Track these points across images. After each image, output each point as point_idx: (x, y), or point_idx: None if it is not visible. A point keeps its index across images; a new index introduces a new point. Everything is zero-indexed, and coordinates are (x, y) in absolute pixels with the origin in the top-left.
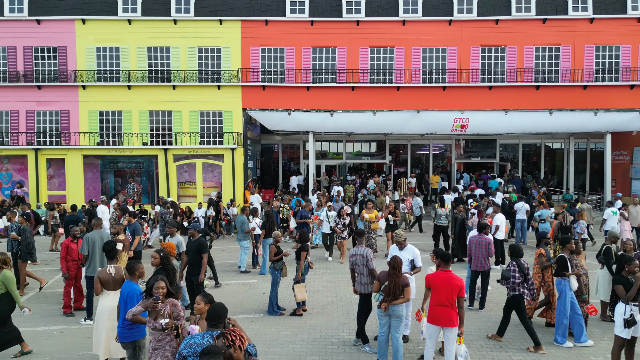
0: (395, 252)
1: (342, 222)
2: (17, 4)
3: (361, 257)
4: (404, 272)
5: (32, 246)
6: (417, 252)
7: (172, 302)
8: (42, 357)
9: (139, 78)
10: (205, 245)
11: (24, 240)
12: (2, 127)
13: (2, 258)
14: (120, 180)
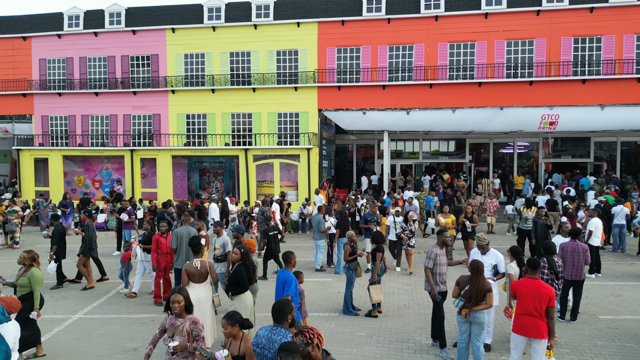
0: (477, 257)
1: (409, 228)
2: (115, 16)
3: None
4: (486, 278)
5: (94, 242)
6: (501, 256)
7: (192, 319)
8: (136, 342)
9: (221, 82)
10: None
11: (87, 236)
12: (103, 129)
13: (31, 255)
14: (207, 178)
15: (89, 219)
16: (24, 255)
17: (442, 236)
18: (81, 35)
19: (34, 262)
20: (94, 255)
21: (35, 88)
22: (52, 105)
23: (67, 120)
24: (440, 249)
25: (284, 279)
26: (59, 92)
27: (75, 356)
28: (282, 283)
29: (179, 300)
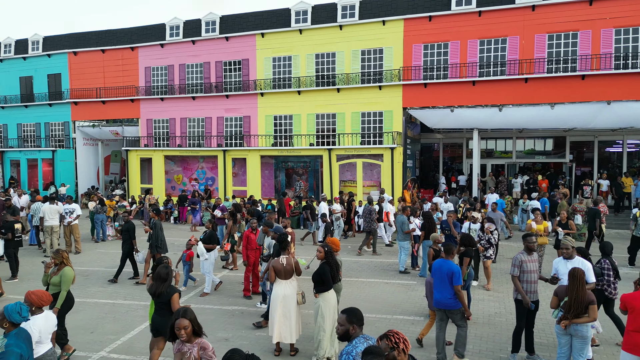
0: (560, 265)
1: (487, 237)
2: (211, 24)
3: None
4: None
5: (160, 240)
6: (589, 265)
7: (201, 344)
8: (227, 332)
9: (307, 83)
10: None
11: (154, 233)
12: (199, 131)
13: (61, 255)
14: (294, 177)
15: (157, 216)
16: (53, 255)
17: (526, 241)
18: (181, 43)
19: (64, 260)
20: (161, 252)
21: (141, 94)
22: (155, 109)
23: (168, 123)
24: (526, 255)
25: (449, 270)
26: (161, 97)
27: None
28: (446, 274)
29: (184, 326)
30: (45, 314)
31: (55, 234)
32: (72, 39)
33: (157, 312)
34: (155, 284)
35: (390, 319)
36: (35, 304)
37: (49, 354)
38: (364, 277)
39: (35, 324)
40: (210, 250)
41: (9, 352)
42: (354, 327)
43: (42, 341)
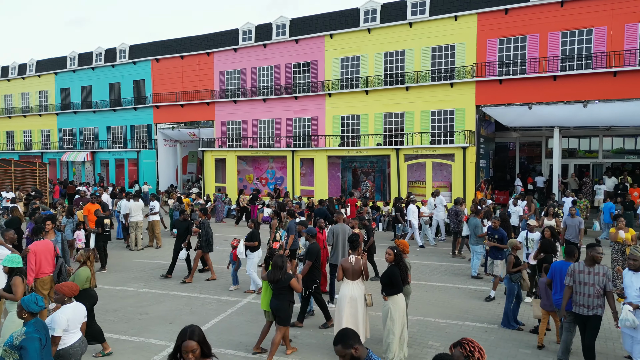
0: (627, 277)
1: None
2: (281, 28)
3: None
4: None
5: (211, 237)
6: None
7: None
8: (293, 330)
9: (375, 83)
10: (312, 252)
11: (203, 233)
12: (269, 132)
13: (87, 254)
14: (361, 178)
15: (205, 216)
16: (80, 253)
17: (592, 251)
18: (252, 47)
19: (88, 260)
20: (211, 250)
21: (216, 97)
22: (229, 111)
23: (241, 124)
24: (585, 265)
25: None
26: (234, 99)
27: (244, 337)
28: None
29: (193, 349)
30: (74, 305)
31: (139, 229)
32: (155, 46)
33: (276, 297)
34: (273, 271)
35: (461, 325)
36: (67, 295)
37: (76, 345)
38: (434, 280)
39: (64, 313)
40: (252, 249)
41: (30, 338)
42: (355, 349)
43: (70, 330)
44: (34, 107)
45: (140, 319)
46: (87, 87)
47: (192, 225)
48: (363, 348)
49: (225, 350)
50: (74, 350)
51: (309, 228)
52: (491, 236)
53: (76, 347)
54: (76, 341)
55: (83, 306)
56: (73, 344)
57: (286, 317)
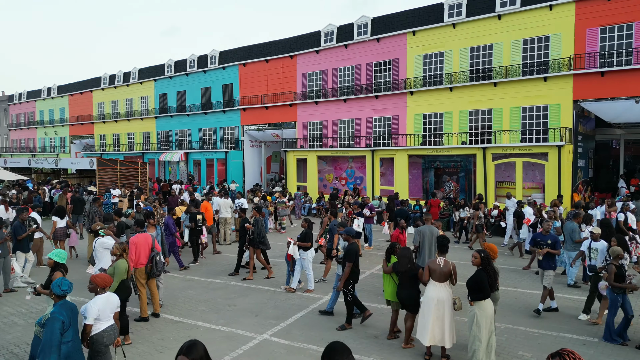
0: None
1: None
2: (362, 27)
3: None
4: None
5: (263, 236)
6: None
7: None
8: (376, 330)
9: (460, 79)
10: (351, 252)
11: (256, 230)
12: (349, 132)
13: (122, 247)
14: (444, 178)
15: (259, 214)
16: (115, 246)
17: None
18: (334, 49)
19: (124, 253)
20: (263, 248)
21: (298, 98)
22: (310, 112)
23: (321, 125)
24: None
25: None
26: (315, 100)
27: (328, 333)
28: None
29: None
30: (107, 295)
31: (227, 225)
32: (242, 52)
33: (403, 287)
34: (401, 262)
35: (555, 336)
36: (100, 286)
37: (108, 330)
38: (524, 287)
39: (95, 303)
40: (305, 248)
41: (53, 318)
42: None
43: (102, 318)
44: (136, 112)
45: (229, 310)
46: (182, 92)
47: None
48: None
49: (307, 346)
50: (106, 335)
51: (347, 228)
52: (542, 242)
53: (108, 332)
54: (107, 327)
55: (116, 297)
56: (105, 329)
57: (416, 305)
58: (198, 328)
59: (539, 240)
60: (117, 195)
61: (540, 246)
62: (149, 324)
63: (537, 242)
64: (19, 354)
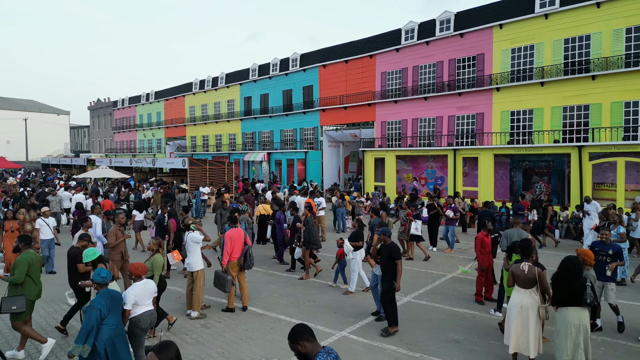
0: None
1: None
2: (445, 23)
3: None
4: None
5: (313, 235)
6: None
7: None
8: (458, 334)
9: (552, 73)
10: (397, 250)
11: (307, 230)
12: (430, 131)
13: (158, 242)
14: (533, 178)
15: (310, 213)
16: (151, 241)
17: None
18: (414, 46)
19: (160, 248)
20: (313, 248)
21: (377, 98)
22: (389, 111)
23: (400, 124)
24: None
25: None
26: (395, 99)
27: (407, 335)
28: None
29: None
30: (144, 282)
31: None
32: (322, 53)
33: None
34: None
35: None
36: (134, 274)
37: (145, 315)
38: (625, 298)
39: (132, 289)
40: (356, 248)
41: (91, 306)
42: (302, 345)
43: (139, 303)
44: (223, 114)
45: (309, 306)
46: (265, 95)
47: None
48: (313, 345)
49: (386, 346)
50: (143, 319)
51: (384, 229)
52: (602, 253)
53: (145, 316)
54: (145, 312)
55: (153, 283)
56: (142, 314)
57: None
58: (280, 321)
59: (597, 249)
60: (206, 192)
61: (601, 256)
62: (235, 314)
63: (596, 251)
64: None
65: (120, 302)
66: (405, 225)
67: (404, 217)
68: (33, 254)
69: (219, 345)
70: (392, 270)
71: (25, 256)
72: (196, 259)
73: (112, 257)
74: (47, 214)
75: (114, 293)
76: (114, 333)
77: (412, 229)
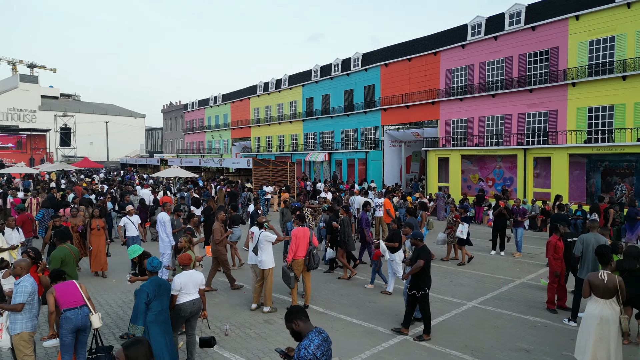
0: None
1: None
2: (515, 16)
3: None
4: None
5: (349, 236)
6: None
7: None
8: (528, 343)
9: (636, 66)
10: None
11: (342, 230)
12: (497, 129)
13: (188, 239)
14: (613, 180)
15: (346, 213)
16: (182, 239)
17: None
18: (482, 42)
19: (191, 245)
20: (348, 248)
21: (441, 96)
22: (454, 110)
23: (466, 122)
24: None
25: None
26: (460, 97)
27: (472, 341)
28: None
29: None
30: (191, 272)
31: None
32: (384, 52)
33: (632, 285)
34: (628, 261)
35: None
36: (181, 264)
37: (188, 304)
38: None
39: (179, 277)
40: (393, 249)
41: (140, 290)
42: (296, 323)
43: (184, 292)
44: (286, 116)
45: (369, 307)
46: (326, 96)
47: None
48: (306, 324)
49: (449, 351)
50: (184, 308)
51: (415, 232)
52: None
53: (187, 305)
54: (187, 301)
55: (200, 274)
56: (185, 302)
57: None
58: (340, 321)
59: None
60: (269, 191)
61: None
62: None
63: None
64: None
65: (167, 291)
66: (452, 228)
67: (451, 220)
68: (67, 248)
69: (281, 341)
70: (421, 273)
71: (58, 252)
72: (268, 257)
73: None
74: (131, 212)
75: (162, 281)
76: (155, 319)
77: (458, 232)
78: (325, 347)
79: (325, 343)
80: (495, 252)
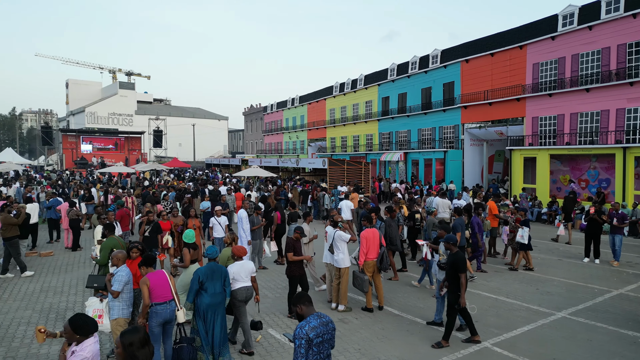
0: None
1: None
2: (613, 4)
3: None
4: None
5: (394, 237)
6: None
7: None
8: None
9: None
10: (463, 261)
11: (387, 232)
12: (593, 127)
13: (232, 236)
14: None
15: (389, 214)
16: (227, 235)
17: None
18: (574, 32)
19: (233, 242)
20: (394, 249)
21: (528, 92)
22: (542, 106)
23: (556, 119)
24: None
25: None
26: (549, 93)
27: (562, 354)
28: None
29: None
30: (242, 263)
31: None
32: (465, 48)
33: None
34: None
35: None
36: (236, 255)
37: (242, 289)
38: None
39: (231, 267)
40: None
41: (196, 272)
42: (300, 307)
43: (237, 279)
44: (361, 116)
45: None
46: (403, 94)
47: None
48: (308, 309)
49: None
50: (239, 293)
51: (449, 235)
52: None
53: (241, 291)
54: (241, 287)
55: (252, 263)
56: (239, 288)
57: None
58: (417, 324)
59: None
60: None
61: None
62: (372, 314)
63: None
64: (269, 322)
65: (220, 275)
66: (514, 232)
67: (513, 224)
68: (116, 239)
69: (356, 341)
70: (456, 281)
71: (108, 242)
72: (344, 256)
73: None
74: (218, 213)
75: (216, 267)
76: (212, 301)
77: (518, 237)
78: (322, 330)
79: (324, 327)
80: (589, 259)
